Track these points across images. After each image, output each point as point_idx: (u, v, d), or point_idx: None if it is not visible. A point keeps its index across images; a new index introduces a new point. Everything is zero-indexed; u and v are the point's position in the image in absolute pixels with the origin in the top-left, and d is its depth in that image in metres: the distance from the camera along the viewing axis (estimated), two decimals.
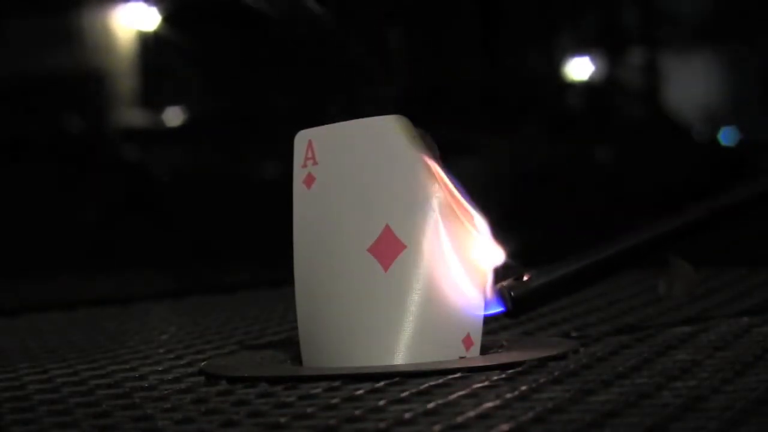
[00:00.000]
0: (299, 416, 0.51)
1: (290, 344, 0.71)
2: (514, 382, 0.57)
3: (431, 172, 0.64)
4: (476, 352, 0.65)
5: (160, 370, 0.69)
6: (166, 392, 0.60)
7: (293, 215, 0.68)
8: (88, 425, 0.52)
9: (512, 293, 0.68)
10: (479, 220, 0.66)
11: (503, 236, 0.67)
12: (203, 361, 0.70)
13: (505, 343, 0.69)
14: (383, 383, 0.59)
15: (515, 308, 0.68)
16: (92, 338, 0.89)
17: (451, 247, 0.64)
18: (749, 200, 0.75)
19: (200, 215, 3.12)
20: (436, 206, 0.64)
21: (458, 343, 0.64)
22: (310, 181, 0.67)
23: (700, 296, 0.88)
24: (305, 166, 0.67)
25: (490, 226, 0.67)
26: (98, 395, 0.61)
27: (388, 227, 0.64)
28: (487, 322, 0.66)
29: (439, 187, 0.64)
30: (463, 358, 0.64)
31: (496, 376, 0.59)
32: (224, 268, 2.17)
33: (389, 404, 0.53)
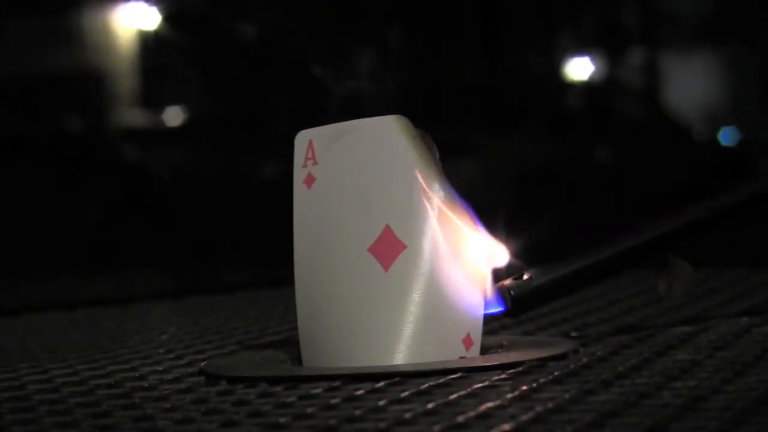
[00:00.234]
0: (299, 416, 0.51)
1: (290, 344, 0.71)
2: (514, 382, 0.57)
3: (432, 170, 0.64)
4: (476, 352, 0.65)
5: (160, 370, 0.69)
6: (166, 392, 0.60)
7: (293, 215, 0.68)
8: (88, 425, 0.52)
9: (512, 292, 0.68)
10: (476, 221, 0.66)
11: (503, 236, 0.67)
12: (203, 361, 0.70)
13: (505, 343, 0.69)
14: (383, 383, 0.59)
15: (515, 307, 0.68)
16: (92, 338, 0.89)
17: (451, 247, 0.64)
18: (749, 200, 0.75)
19: (200, 215, 3.12)
20: (436, 206, 0.64)
21: (458, 343, 0.64)
22: (310, 181, 0.67)
23: (700, 296, 0.88)
24: (305, 166, 0.67)
25: (489, 225, 0.67)
26: (98, 395, 0.61)
27: (388, 227, 0.64)
28: (487, 322, 0.66)
29: (439, 186, 0.64)
30: (463, 358, 0.64)
31: (496, 376, 0.59)
32: (224, 268, 2.17)
33: (389, 404, 0.53)
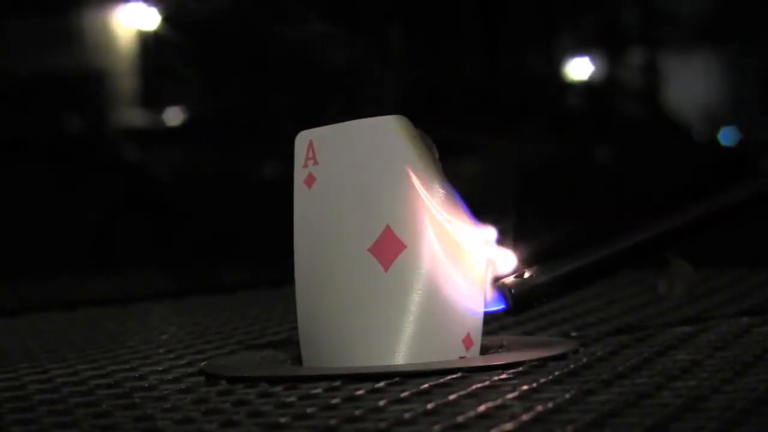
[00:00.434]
0: (299, 416, 0.51)
1: (290, 344, 0.71)
2: (514, 382, 0.57)
3: (432, 171, 0.64)
4: (476, 352, 0.65)
5: (160, 370, 0.69)
6: (166, 392, 0.60)
7: (294, 215, 0.68)
8: (88, 425, 0.52)
9: (513, 291, 0.68)
10: (476, 221, 0.66)
11: (503, 235, 0.67)
12: (203, 361, 0.70)
13: (505, 343, 0.69)
14: (383, 383, 0.59)
15: (516, 306, 0.68)
16: (92, 338, 0.89)
17: (450, 247, 0.64)
18: (749, 200, 0.75)
19: (200, 215, 3.12)
20: (436, 206, 0.64)
21: (458, 343, 0.64)
22: (310, 181, 0.67)
23: (700, 296, 0.88)
24: (306, 166, 0.67)
25: (489, 225, 0.67)
26: (98, 395, 0.61)
27: (388, 227, 0.64)
28: (487, 322, 0.66)
29: (439, 186, 0.64)
30: (463, 358, 0.64)
31: (496, 376, 0.59)
32: (224, 268, 2.17)
33: (389, 404, 0.53)
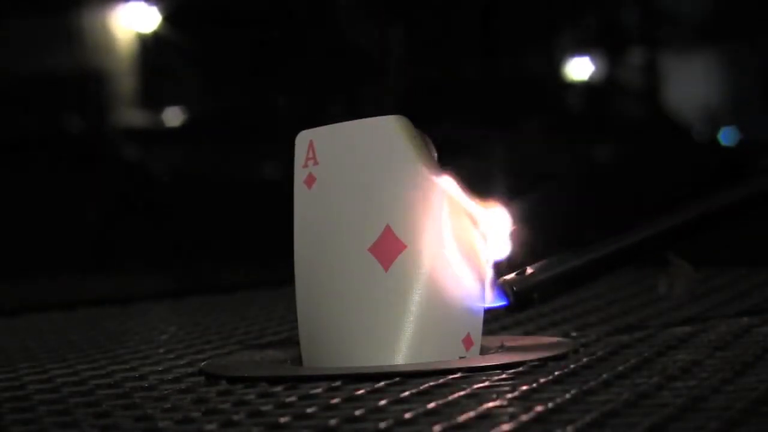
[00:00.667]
0: (299, 416, 0.51)
1: (290, 344, 0.71)
2: (514, 382, 0.57)
3: (432, 171, 0.64)
4: (476, 352, 0.65)
5: (160, 370, 0.69)
6: (166, 392, 0.60)
7: (294, 215, 0.68)
8: (88, 425, 0.52)
9: (514, 287, 0.68)
10: (484, 216, 0.66)
11: (504, 234, 0.67)
12: (203, 361, 0.70)
13: (505, 343, 0.69)
14: (383, 383, 0.59)
15: (517, 302, 0.68)
16: (92, 338, 0.89)
17: (451, 247, 0.64)
18: (750, 198, 0.75)
19: (200, 215, 3.12)
20: (436, 206, 0.64)
21: (458, 343, 0.64)
22: (310, 181, 0.67)
23: (700, 296, 0.88)
24: (306, 166, 0.67)
25: (491, 225, 0.67)
26: (98, 395, 0.61)
27: (388, 227, 0.64)
28: (487, 322, 0.66)
29: (439, 186, 0.64)
30: (463, 358, 0.64)
31: (496, 376, 0.59)
32: (224, 268, 2.17)
33: (390, 404, 0.53)
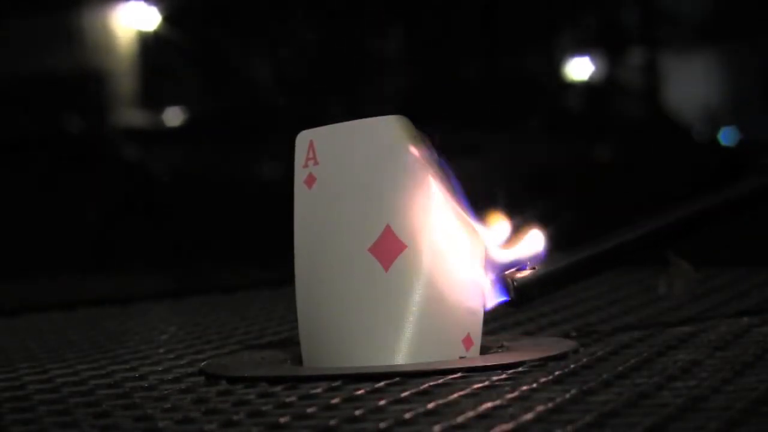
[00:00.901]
0: (299, 416, 0.51)
1: (290, 344, 0.71)
2: (514, 382, 0.57)
3: (432, 171, 0.64)
4: (476, 352, 0.65)
5: (160, 370, 0.69)
6: (166, 392, 0.60)
7: (294, 215, 0.68)
8: (88, 425, 0.52)
9: (515, 283, 0.68)
10: (477, 219, 0.66)
11: (505, 233, 0.67)
12: (203, 361, 0.70)
13: (505, 343, 0.69)
14: (383, 383, 0.59)
15: (518, 298, 0.68)
16: (92, 338, 0.88)
17: (451, 247, 0.64)
18: (751, 195, 0.75)
19: (200, 215, 3.12)
20: (436, 206, 0.64)
21: (458, 343, 0.64)
22: (311, 181, 0.67)
23: (700, 296, 0.88)
24: (306, 166, 0.67)
25: (491, 224, 0.67)
26: (98, 395, 0.61)
27: (388, 227, 0.64)
28: (487, 322, 0.66)
29: (439, 185, 0.64)
30: (463, 358, 0.64)
31: (496, 376, 0.59)
32: (224, 268, 2.17)
33: (390, 404, 0.53)
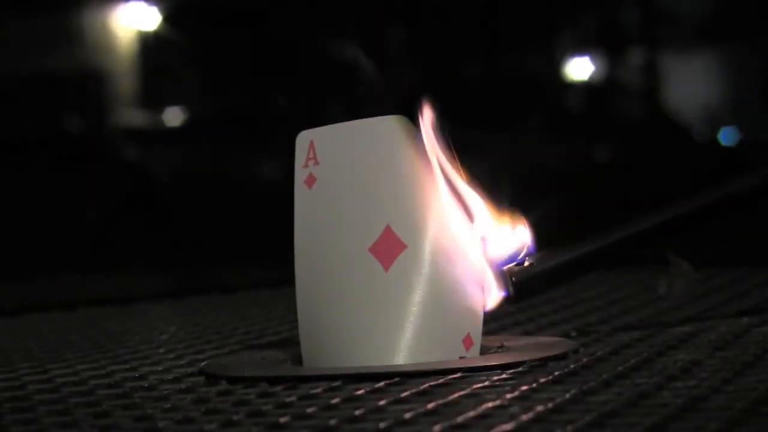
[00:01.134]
0: (299, 416, 0.51)
1: (290, 344, 0.71)
2: (514, 382, 0.57)
3: (433, 171, 0.64)
4: (476, 352, 0.65)
5: (160, 370, 0.69)
6: (166, 392, 0.60)
7: (294, 215, 0.68)
8: (88, 425, 0.52)
9: (514, 278, 0.68)
10: (484, 214, 0.66)
11: (505, 233, 0.68)
12: (203, 361, 0.70)
13: (505, 343, 0.69)
14: (383, 383, 0.59)
15: (517, 293, 0.68)
16: (92, 338, 0.89)
17: (451, 247, 0.64)
18: (752, 191, 0.75)
19: (200, 215, 3.12)
20: (436, 206, 0.64)
21: (458, 343, 0.64)
22: (311, 181, 0.67)
23: (700, 296, 0.88)
24: (306, 166, 0.67)
25: (492, 224, 0.67)
26: (98, 395, 0.61)
27: (388, 227, 0.64)
28: (487, 322, 0.66)
29: (439, 185, 0.64)
30: (463, 358, 0.64)
31: (496, 376, 0.59)
32: (224, 268, 2.17)
33: (390, 404, 0.53)
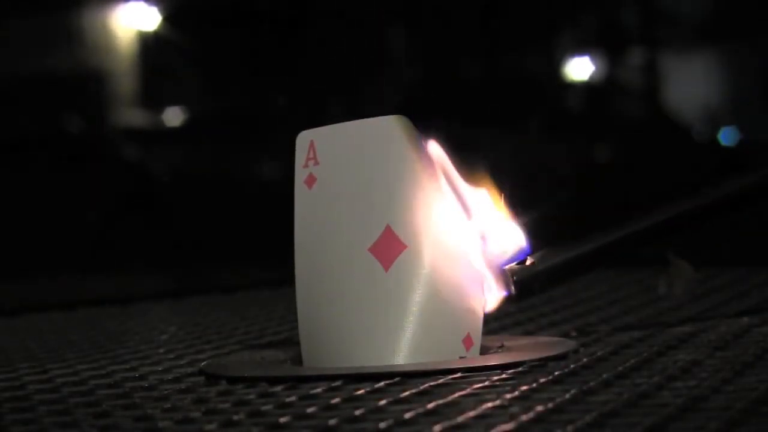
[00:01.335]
0: (299, 416, 0.52)
1: (290, 344, 0.71)
2: (514, 382, 0.57)
3: (433, 171, 0.65)
4: (476, 352, 0.65)
5: (160, 370, 0.69)
6: (166, 392, 0.60)
7: (294, 215, 0.68)
8: (88, 425, 0.52)
9: (515, 277, 0.68)
10: (484, 214, 0.66)
11: (505, 232, 0.68)
12: (203, 361, 0.70)
13: (505, 343, 0.69)
14: (383, 383, 0.59)
15: (518, 292, 0.68)
16: (92, 338, 0.89)
17: (451, 247, 0.64)
18: (751, 190, 0.75)
19: (200, 215, 3.12)
20: (436, 206, 0.64)
21: (458, 343, 0.64)
22: (311, 181, 0.67)
23: (700, 296, 0.88)
24: (306, 166, 0.67)
25: (492, 224, 0.67)
26: (98, 395, 0.61)
27: (388, 227, 0.64)
28: (487, 322, 0.66)
29: (439, 186, 0.64)
30: (463, 358, 0.64)
31: (496, 376, 0.59)
32: (224, 268, 2.17)
33: (390, 404, 0.53)
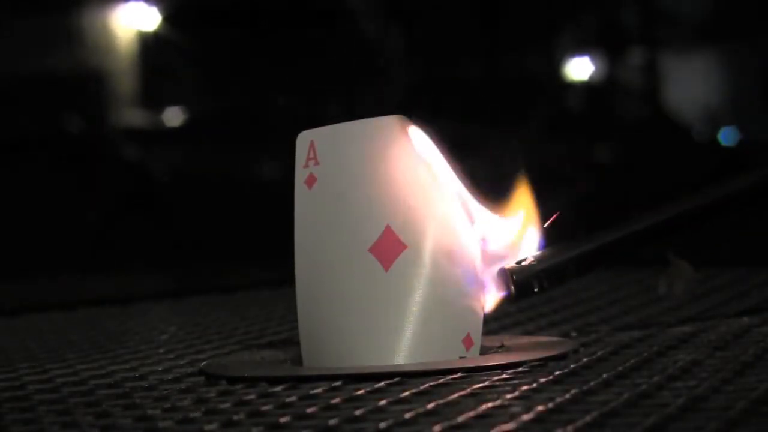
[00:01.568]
0: (299, 416, 0.52)
1: (290, 344, 0.71)
2: (514, 382, 0.57)
3: (433, 171, 0.65)
4: (476, 352, 0.65)
5: (160, 370, 0.69)
6: (166, 392, 0.60)
7: (294, 215, 0.68)
8: (88, 425, 0.52)
9: (514, 277, 0.68)
10: (484, 214, 0.66)
11: (506, 232, 0.68)
12: (203, 361, 0.70)
13: (505, 343, 0.69)
14: (384, 383, 0.59)
15: (518, 292, 0.68)
16: (92, 338, 0.89)
17: (451, 247, 0.64)
18: (752, 189, 0.75)
19: (200, 215, 3.12)
20: (436, 206, 0.64)
21: (458, 343, 0.64)
22: (311, 181, 0.67)
23: (700, 296, 0.88)
24: (307, 166, 0.67)
25: (492, 224, 0.67)
26: (98, 395, 0.61)
27: (388, 227, 0.64)
28: (487, 322, 0.66)
29: (439, 186, 0.64)
30: (463, 358, 0.64)
31: (496, 376, 0.59)
32: (224, 268, 2.17)
33: (390, 404, 0.53)
